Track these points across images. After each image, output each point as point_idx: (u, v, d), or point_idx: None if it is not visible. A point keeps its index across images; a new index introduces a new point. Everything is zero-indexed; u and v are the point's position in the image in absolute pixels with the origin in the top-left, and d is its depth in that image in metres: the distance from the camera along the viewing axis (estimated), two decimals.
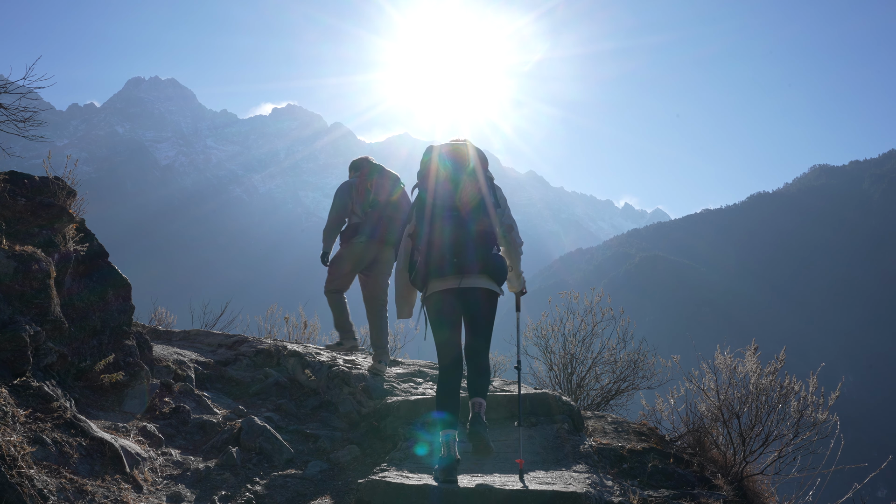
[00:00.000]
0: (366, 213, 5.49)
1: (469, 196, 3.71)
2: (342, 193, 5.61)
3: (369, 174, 5.60)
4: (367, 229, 5.44)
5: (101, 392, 3.75)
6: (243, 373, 5.01)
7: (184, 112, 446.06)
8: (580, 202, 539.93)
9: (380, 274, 5.59)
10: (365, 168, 5.69)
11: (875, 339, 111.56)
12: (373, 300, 5.61)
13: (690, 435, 4.12)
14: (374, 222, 5.45)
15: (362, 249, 5.48)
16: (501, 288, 3.70)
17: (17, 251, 3.42)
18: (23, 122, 4.04)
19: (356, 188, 5.57)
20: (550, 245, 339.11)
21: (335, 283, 5.60)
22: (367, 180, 5.56)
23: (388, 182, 5.61)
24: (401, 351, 7.86)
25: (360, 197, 5.54)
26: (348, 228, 5.59)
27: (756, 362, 4.05)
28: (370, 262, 5.54)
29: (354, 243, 5.48)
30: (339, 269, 5.57)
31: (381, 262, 5.56)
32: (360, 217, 5.53)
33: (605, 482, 3.19)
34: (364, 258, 5.51)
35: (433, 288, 3.62)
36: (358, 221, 5.53)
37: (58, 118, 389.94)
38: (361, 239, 5.44)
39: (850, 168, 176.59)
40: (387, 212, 5.48)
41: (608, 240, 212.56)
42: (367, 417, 4.34)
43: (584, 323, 5.99)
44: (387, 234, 5.46)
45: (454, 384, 3.49)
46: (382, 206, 5.49)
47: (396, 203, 5.54)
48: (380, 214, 5.46)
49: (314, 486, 3.43)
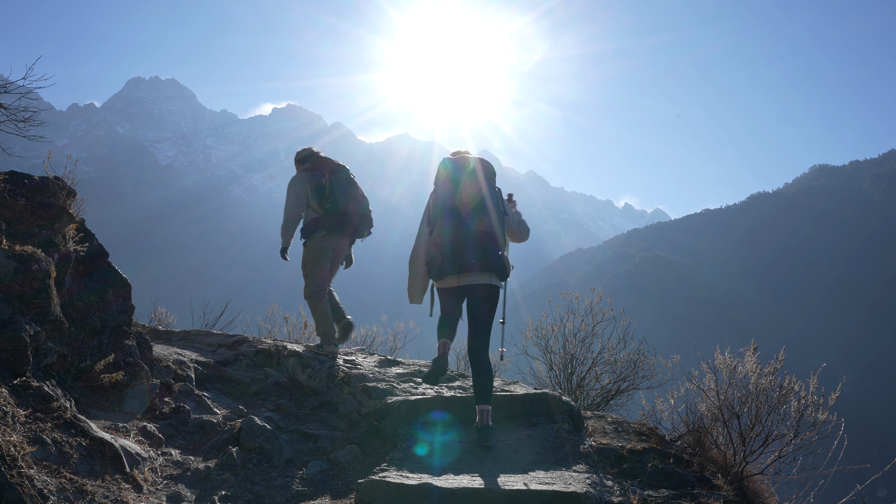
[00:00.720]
0: (324, 208, 5.56)
1: (469, 196, 3.85)
2: (297, 188, 5.62)
3: (322, 168, 5.70)
4: (329, 223, 5.54)
5: (101, 392, 3.74)
6: (243, 373, 5.00)
7: (184, 112, 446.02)
8: (580, 202, 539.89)
9: (336, 264, 5.79)
10: (316, 162, 5.77)
11: (875, 339, 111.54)
12: None
13: (690, 435, 4.12)
14: (335, 216, 5.55)
15: (327, 243, 5.60)
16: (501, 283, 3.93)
17: (17, 251, 3.42)
18: (23, 122, 4.04)
19: (310, 183, 5.63)
20: (550, 245, 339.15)
21: (317, 286, 5.62)
22: (321, 175, 5.64)
23: (343, 176, 5.72)
24: (401, 351, 7.86)
25: (316, 191, 5.60)
26: (310, 223, 5.62)
27: (756, 362, 4.05)
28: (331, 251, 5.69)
29: (318, 238, 5.59)
30: (318, 271, 5.62)
31: (337, 250, 5.73)
32: (317, 211, 5.59)
33: (605, 482, 3.19)
34: (329, 249, 5.64)
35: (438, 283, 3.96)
36: (316, 216, 5.59)
37: (58, 118, 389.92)
38: (322, 233, 5.57)
39: (850, 168, 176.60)
40: (346, 206, 5.60)
41: (608, 240, 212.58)
42: (367, 417, 4.34)
43: (584, 323, 5.99)
44: (347, 227, 5.62)
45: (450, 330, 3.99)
46: (340, 200, 5.59)
47: (353, 197, 5.67)
48: (340, 209, 5.57)
49: (314, 486, 3.42)
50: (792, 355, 4.26)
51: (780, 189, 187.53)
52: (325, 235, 5.58)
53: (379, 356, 5.96)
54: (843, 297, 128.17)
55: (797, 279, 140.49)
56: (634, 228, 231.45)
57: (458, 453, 3.54)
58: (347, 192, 5.65)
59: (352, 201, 5.64)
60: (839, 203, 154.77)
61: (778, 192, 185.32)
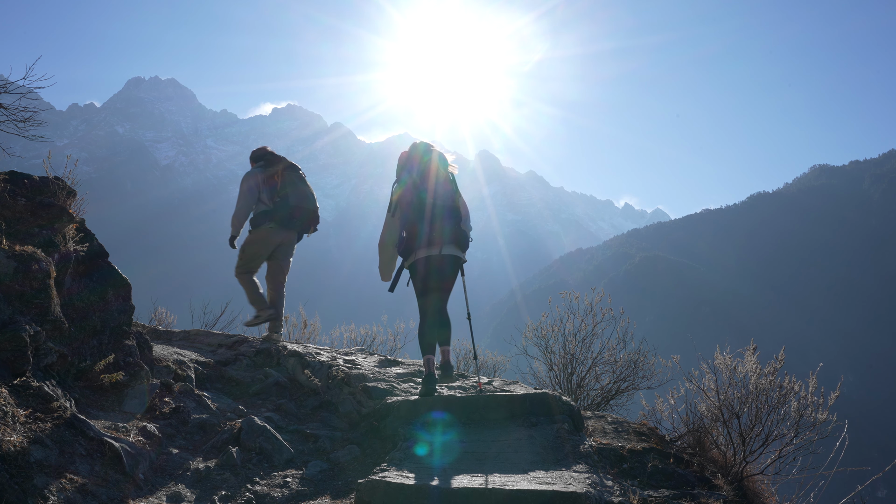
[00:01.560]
0: (275, 202, 5.99)
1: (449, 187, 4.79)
2: (250, 182, 6.03)
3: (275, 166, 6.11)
4: (278, 217, 5.97)
5: (101, 392, 3.74)
6: (243, 373, 5.00)
7: (184, 112, 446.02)
8: (580, 202, 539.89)
9: (283, 256, 6.22)
10: (270, 160, 6.16)
11: (875, 339, 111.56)
12: (275, 278, 6.21)
13: (690, 435, 4.12)
14: (284, 211, 5.97)
15: (272, 235, 6.03)
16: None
17: (17, 251, 3.42)
18: (23, 122, 4.04)
19: (264, 178, 6.05)
20: (550, 245, 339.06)
21: (247, 265, 6.08)
22: (275, 172, 6.06)
23: (295, 174, 6.13)
24: (401, 351, 7.87)
25: (268, 187, 6.02)
26: (259, 215, 6.04)
27: (756, 362, 4.05)
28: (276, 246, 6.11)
29: (264, 229, 6.01)
30: (251, 253, 6.06)
31: (285, 245, 6.18)
32: (267, 205, 6.02)
33: (605, 482, 3.19)
34: (272, 242, 6.07)
35: (417, 256, 4.63)
36: (266, 209, 6.01)
37: (58, 118, 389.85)
38: (271, 225, 5.99)
39: (850, 168, 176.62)
40: (295, 202, 6.01)
41: (608, 240, 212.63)
42: (367, 417, 4.34)
43: (584, 323, 5.99)
44: (295, 223, 6.06)
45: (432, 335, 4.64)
46: (291, 196, 5.99)
47: (303, 194, 6.10)
48: (290, 205, 5.97)
49: (314, 486, 3.42)
50: (792, 355, 4.26)
51: (780, 189, 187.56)
52: (272, 228, 6.01)
53: (379, 356, 5.96)
54: (843, 297, 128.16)
55: (797, 279, 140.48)
56: (634, 228, 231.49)
57: (458, 453, 3.54)
58: (298, 190, 6.08)
59: (302, 198, 6.07)
60: (839, 203, 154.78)
61: (778, 192, 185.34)
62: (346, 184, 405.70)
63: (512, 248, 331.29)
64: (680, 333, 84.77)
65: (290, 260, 6.32)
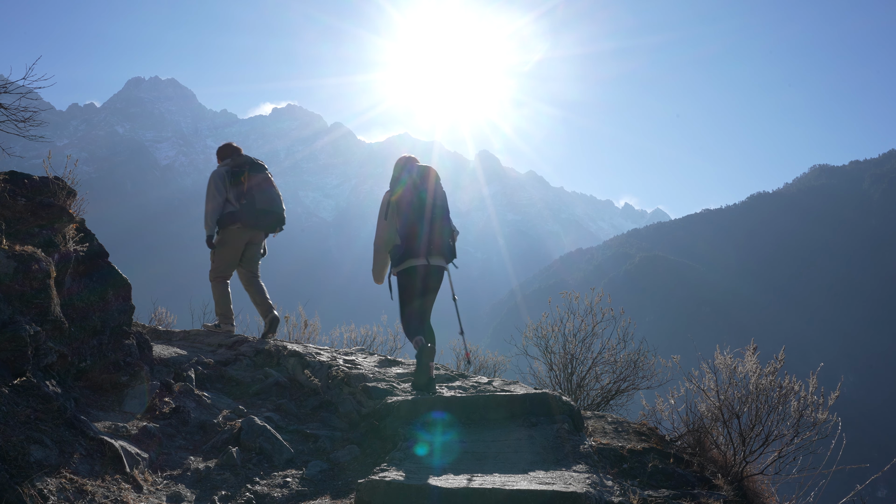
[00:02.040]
0: (241, 203, 6.01)
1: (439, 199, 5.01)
2: (217, 182, 6.05)
3: (241, 166, 6.11)
4: (244, 218, 6.00)
5: (101, 392, 3.75)
6: (243, 373, 5.00)
7: (184, 112, 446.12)
8: (580, 202, 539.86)
9: (253, 257, 6.29)
10: (236, 159, 6.18)
11: (875, 339, 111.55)
12: (251, 284, 6.28)
13: (690, 435, 4.12)
14: (250, 212, 5.99)
15: (239, 234, 6.08)
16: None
17: (17, 251, 3.42)
18: (23, 122, 4.04)
19: (231, 178, 6.06)
20: (550, 245, 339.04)
21: (220, 268, 6.14)
22: (242, 173, 6.07)
23: (261, 175, 6.16)
24: (401, 351, 7.86)
25: (235, 187, 6.04)
26: (225, 216, 6.05)
27: (756, 362, 4.05)
28: (245, 245, 6.18)
29: (231, 230, 6.05)
30: (222, 254, 6.11)
31: (253, 244, 6.24)
32: (234, 205, 6.03)
33: (605, 482, 3.19)
34: (241, 241, 6.12)
35: (409, 264, 4.83)
36: (233, 210, 6.03)
37: (58, 118, 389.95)
38: (237, 226, 6.03)
39: (850, 168, 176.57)
40: (261, 204, 6.03)
41: (608, 240, 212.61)
42: (367, 417, 4.34)
43: (584, 323, 5.99)
44: (261, 223, 6.10)
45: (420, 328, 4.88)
46: (257, 197, 6.03)
47: (269, 196, 6.12)
48: (256, 206, 6.01)
49: (314, 486, 3.42)
50: (792, 355, 4.26)
51: (780, 189, 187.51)
52: (238, 228, 6.04)
53: (379, 356, 5.97)
54: (843, 297, 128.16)
55: (797, 279, 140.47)
56: (634, 228, 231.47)
57: (458, 453, 3.54)
58: (264, 191, 6.09)
59: (268, 201, 6.09)
60: (839, 203, 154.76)
61: (778, 192, 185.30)
62: (346, 184, 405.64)
63: (512, 248, 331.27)
64: (680, 333, 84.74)
65: (259, 259, 6.41)
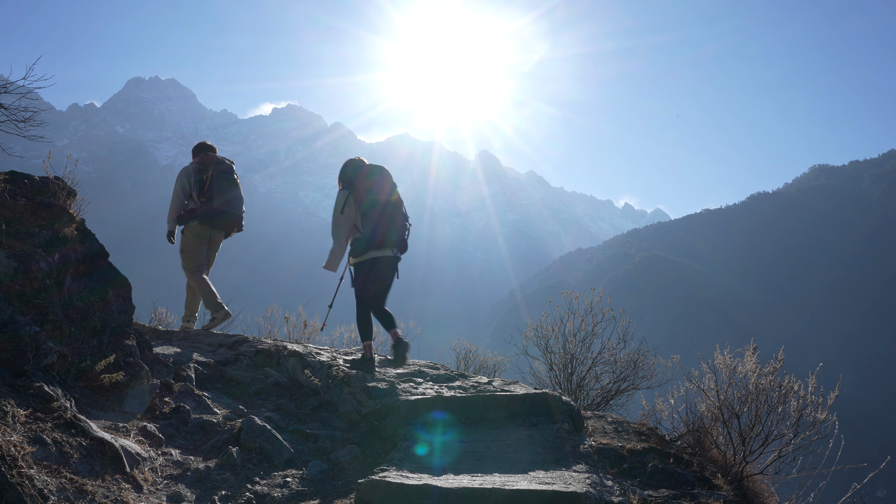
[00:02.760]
0: (200, 202, 6.19)
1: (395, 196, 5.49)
2: (182, 180, 6.23)
3: (206, 166, 6.26)
4: (202, 217, 6.16)
5: (101, 392, 3.75)
6: (243, 373, 5.00)
7: (184, 112, 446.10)
8: (580, 202, 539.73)
9: (212, 251, 6.45)
10: (203, 158, 6.33)
11: (875, 339, 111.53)
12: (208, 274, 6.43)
13: (690, 435, 4.13)
14: (208, 212, 6.15)
15: (199, 232, 6.25)
16: None
17: (18, 251, 3.42)
18: (23, 122, 4.04)
19: (195, 176, 6.23)
20: (550, 245, 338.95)
21: (195, 264, 6.29)
22: (205, 171, 6.23)
23: (224, 176, 6.29)
24: None
25: (198, 185, 6.21)
26: (186, 213, 6.25)
27: (755, 362, 4.05)
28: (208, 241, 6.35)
29: (190, 227, 6.24)
30: (194, 251, 6.28)
31: (214, 242, 6.43)
32: (195, 203, 6.22)
33: (605, 482, 3.19)
34: (202, 237, 6.28)
35: (369, 255, 5.33)
36: (194, 207, 6.22)
37: (58, 118, 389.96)
38: (195, 223, 6.21)
39: (850, 168, 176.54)
40: (218, 205, 6.17)
41: (608, 240, 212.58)
42: (367, 417, 4.34)
43: (584, 323, 5.99)
44: (217, 224, 6.26)
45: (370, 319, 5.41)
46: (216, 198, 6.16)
47: (228, 197, 6.25)
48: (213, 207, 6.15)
49: (314, 486, 3.43)
50: (792, 355, 4.26)
51: (780, 189, 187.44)
52: (195, 225, 6.23)
53: (379, 356, 5.96)
54: (843, 297, 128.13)
55: (797, 279, 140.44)
56: (634, 228, 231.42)
57: (458, 453, 3.54)
58: (224, 192, 6.23)
59: (226, 201, 6.23)
60: (839, 203, 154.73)
61: (778, 192, 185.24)
62: None
63: (512, 248, 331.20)
64: (680, 333, 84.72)
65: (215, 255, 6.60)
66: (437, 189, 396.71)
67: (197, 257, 6.30)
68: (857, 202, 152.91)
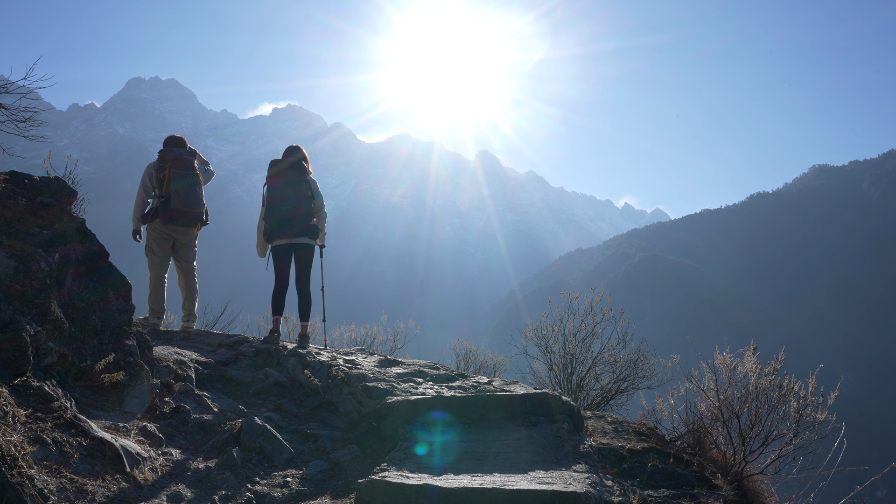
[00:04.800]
0: (159, 199, 6.17)
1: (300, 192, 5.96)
2: (144, 178, 6.24)
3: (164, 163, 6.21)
4: (161, 214, 6.16)
5: (101, 392, 3.75)
6: (243, 373, 5.01)
7: (184, 112, 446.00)
8: (580, 202, 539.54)
9: (185, 254, 6.47)
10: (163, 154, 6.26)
11: (875, 339, 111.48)
12: (185, 273, 6.49)
13: (690, 435, 4.13)
14: (165, 209, 6.13)
15: (160, 230, 6.25)
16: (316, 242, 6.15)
17: (18, 251, 3.42)
18: (23, 122, 4.04)
19: (156, 173, 6.21)
20: (550, 245, 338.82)
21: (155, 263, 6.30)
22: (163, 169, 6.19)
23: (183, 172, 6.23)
24: (401, 351, 7.87)
25: (159, 182, 6.19)
26: (148, 211, 6.25)
27: (755, 362, 4.05)
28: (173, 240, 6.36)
29: (152, 225, 6.26)
30: (157, 248, 6.28)
31: (181, 240, 6.42)
32: (157, 202, 6.23)
33: (605, 482, 3.19)
34: (164, 236, 6.28)
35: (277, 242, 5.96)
36: (156, 206, 6.22)
37: (58, 118, 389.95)
38: (157, 221, 6.20)
39: (850, 168, 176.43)
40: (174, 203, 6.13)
41: (608, 240, 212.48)
42: (367, 417, 4.35)
43: (584, 323, 5.99)
44: (176, 220, 6.20)
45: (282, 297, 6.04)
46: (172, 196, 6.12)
47: (185, 196, 6.21)
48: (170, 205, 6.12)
49: (314, 486, 3.43)
50: (792, 355, 4.26)
51: (780, 189, 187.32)
52: (156, 223, 6.23)
53: (379, 356, 5.97)
54: (843, 297, 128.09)
55: (797, 279, 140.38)
56: (634, 228, 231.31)
57: (458, 453, 3.55)
58: (180, 191, 6.18)
59: (182, 200, 6.19)
60: (839, 203, 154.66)
61: (778, 192, 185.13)
62: (346, 184, 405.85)
63: (512, 248, 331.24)
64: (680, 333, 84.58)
65: (195, 251, 6.58)
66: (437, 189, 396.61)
67: (158, 255, 6.33)
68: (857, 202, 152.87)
